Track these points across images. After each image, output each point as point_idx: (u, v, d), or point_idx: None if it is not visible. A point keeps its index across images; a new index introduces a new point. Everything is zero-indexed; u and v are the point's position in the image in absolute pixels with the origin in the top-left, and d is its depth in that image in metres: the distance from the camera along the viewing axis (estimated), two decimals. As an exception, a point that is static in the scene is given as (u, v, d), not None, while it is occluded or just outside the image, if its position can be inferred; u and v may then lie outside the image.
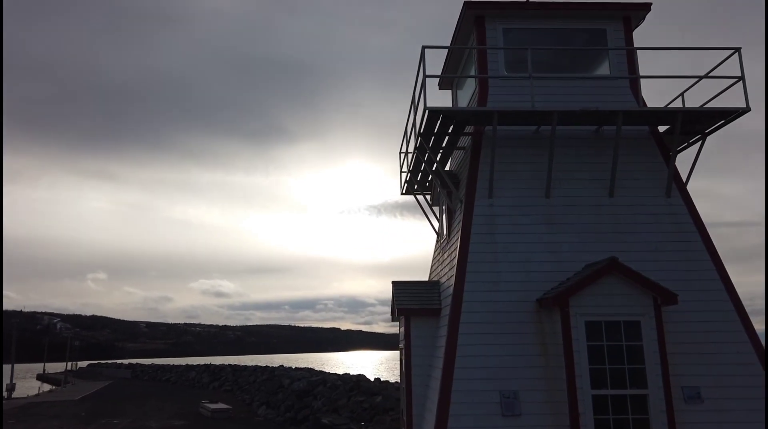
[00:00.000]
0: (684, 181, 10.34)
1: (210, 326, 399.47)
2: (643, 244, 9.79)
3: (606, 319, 8.79)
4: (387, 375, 48.96)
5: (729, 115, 9.93)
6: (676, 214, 10.06)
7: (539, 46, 10.87)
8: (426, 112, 9.75)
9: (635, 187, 10.19)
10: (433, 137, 10.62)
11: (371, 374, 42.89)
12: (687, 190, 10.27)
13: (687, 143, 10.80)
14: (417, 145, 10.78)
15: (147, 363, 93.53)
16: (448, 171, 11.99)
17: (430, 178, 12.69)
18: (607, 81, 10.74)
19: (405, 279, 12.18)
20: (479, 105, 10.56)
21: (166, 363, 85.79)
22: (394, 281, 12.00)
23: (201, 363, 66.49)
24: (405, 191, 13.82)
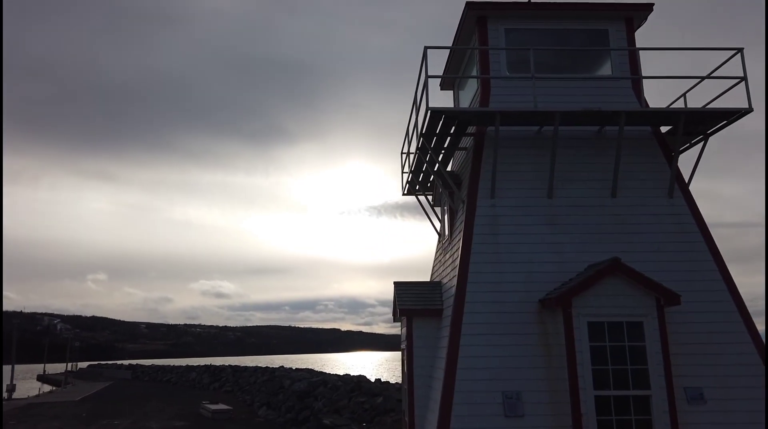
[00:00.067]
0: (686, 181, 10.33)
1: (210, 327, 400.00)
2: (646, 245, 9.78)
3: (609, 319, 8.77)
4: (387, 376, 48.91)
5: (731, 115, 9.92)
6: (678, 215, 10.04)
7: (541, 46, 10.85)
8: (428, 112, 9.75)
9: (638, 187, 10.17)
10: (435, 138, 10.62)
11: (372, 375, 42.85)
12: (689, 190, 10.25)
13: (689, 144, 10.79)
14: (419, 145, 10.77)
15: (147, 364, 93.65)
16: (450, 171, 11.98)
17: (431, 178, 12.69)
18: (610, 81, 10.74)
19: (406, 280, 12.16)
20: (481, 105, 10.55)
21: (166, 364, 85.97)
22: (396, 282, 11.96)
23: (201, 364, 66.53)
24: (406, 192, 13.80)
